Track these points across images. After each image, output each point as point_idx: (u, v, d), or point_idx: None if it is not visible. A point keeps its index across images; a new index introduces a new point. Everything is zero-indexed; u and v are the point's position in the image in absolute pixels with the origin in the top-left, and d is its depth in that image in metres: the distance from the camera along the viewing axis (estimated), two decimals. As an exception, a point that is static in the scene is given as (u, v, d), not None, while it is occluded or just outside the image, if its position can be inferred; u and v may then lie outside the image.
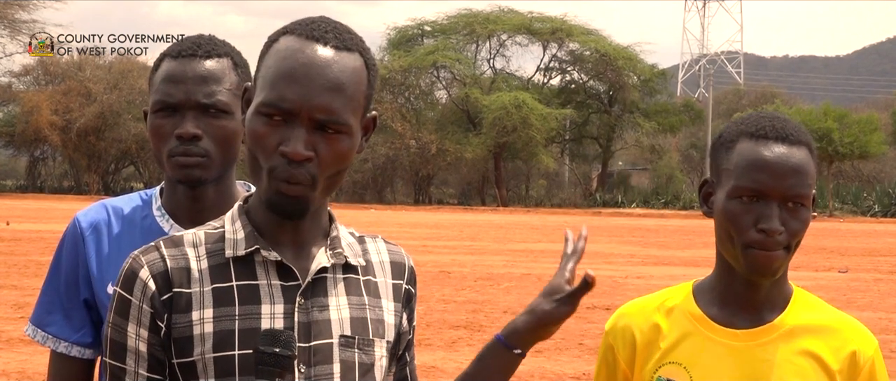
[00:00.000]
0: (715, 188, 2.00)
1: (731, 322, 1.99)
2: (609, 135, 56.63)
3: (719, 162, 1.99)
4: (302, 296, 1.73)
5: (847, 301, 13.97)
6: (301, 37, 1.71)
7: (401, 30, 57.72)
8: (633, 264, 19.24)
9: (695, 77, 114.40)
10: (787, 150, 1.92)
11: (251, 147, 1.71)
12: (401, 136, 51.09)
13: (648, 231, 31.74)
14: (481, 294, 14.00)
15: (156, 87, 2.19)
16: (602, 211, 47.39)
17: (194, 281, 1.72)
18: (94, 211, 2.30)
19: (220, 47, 2.21)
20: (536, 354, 9.68)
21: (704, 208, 2.03)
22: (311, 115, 1.67)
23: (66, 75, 53.22)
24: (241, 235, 1.76)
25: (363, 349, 1.76)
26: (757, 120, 1.98)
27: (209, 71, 2.17)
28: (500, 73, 57.32)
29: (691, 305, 2.03)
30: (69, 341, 2.27)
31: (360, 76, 1.73)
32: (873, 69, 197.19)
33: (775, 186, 1.91)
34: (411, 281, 1.91)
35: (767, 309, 2.00)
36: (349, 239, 1.84)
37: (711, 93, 64.46)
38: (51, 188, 55.17)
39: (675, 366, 1.99)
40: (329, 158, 1.69)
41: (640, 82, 56.17)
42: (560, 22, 55.92)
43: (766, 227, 1.90)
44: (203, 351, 1.70)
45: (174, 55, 2.19)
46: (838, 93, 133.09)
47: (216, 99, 2.16)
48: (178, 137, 2.15)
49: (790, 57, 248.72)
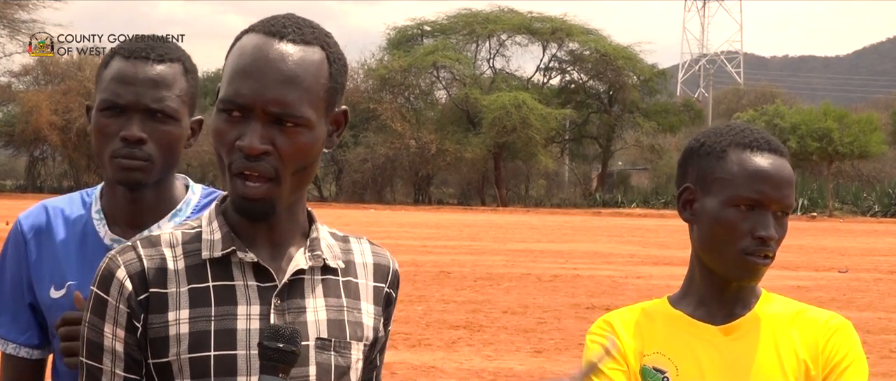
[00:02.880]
0: (699, 195, 2.05)
1: (707, 319, 2.06)
2: (609, 135, 56.62)
3: (707, 170, 2.04)
4: (278, 297, 1.73)
5: (847, 301, 13.96)
6: (260, 33, 1.72)
7: (400, 30, 57.71)
8: (634, 264, 19.23)
9: (695, 77, 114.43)
10: (780, 161, 2.03)
11: (215, 146, 1.72)
12: (400, 136, 51.08)
13: (648, 231, 31.74)
14: (481, 294, 13.99)
15: (104, 84, 2.17)
16: (602, 211, 47.37)
17: (171, 281, 1.72)
18: (35, 214, 2.30)
19: (172, 52, 2.20)
20: (536, 354, 9.68)
21: (685, 215, 2.08)
22: (266, 108, 1.67)
23: (66, 75, 53.21)
24: (218, 236, 1.75)
25: (339, 351, 1.76)
26: (744, 131, 2.05)
27: (160, 76, 2.15)
28: (500, 73, 57.31)
29: (668, 308, 2.10)
30: (17, 342, 2.29)
31: (318, 69, 1.72)
32: (873, 69, 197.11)
33: (773, 197, 2.00)
34: (393, 285, 1.89)
35: (740, 306, 2.07)
36: (329, 241, 1.83)
37: (711, 93, 64.47)
38: (50, 188, 55.12)
39: (658, 355, 2.05)
40: (289, 151, 1.68)
41: (639, 82, 56.16)
42: (560, 22, 55.92)
43: (765, 234, 1.98)
44: (179, 352, 1.69)
45: (126, 55, 2.17)
46: (838, 93, 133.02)
47: (165, 105, 2.15)
48: (123, 139, 2.14)
49: (790, 57, 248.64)
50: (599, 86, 57.50)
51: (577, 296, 14.11)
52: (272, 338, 1.63)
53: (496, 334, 10.77)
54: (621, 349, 2.06)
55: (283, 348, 1.63)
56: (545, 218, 40.20)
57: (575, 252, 21.91)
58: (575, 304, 13.22)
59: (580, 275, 16.82)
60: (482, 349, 9.70)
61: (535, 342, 10.30)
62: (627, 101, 55.22)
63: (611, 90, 56.34)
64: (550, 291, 14.63)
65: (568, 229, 32.49)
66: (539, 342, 10.36)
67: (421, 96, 56.28)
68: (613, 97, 56.29)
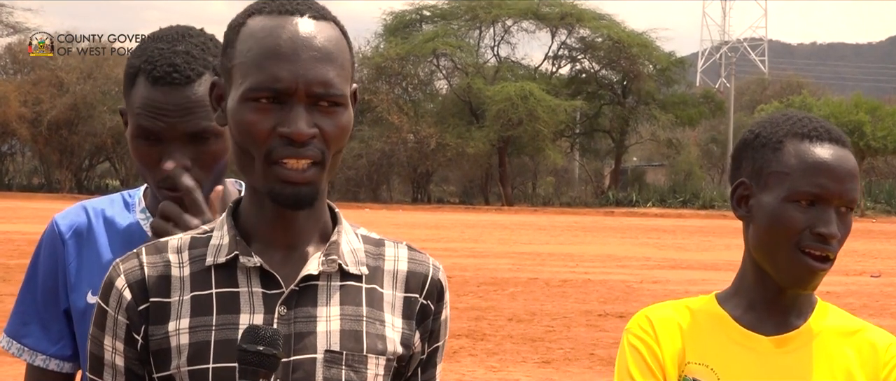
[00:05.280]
0: (754, 191, 2.03)
1: (757, 327, 2.04)
2: (622, 128, 56.64)
3: (763, 163, 2.02)
4: (284, 305, 1.70)
5: (880, 308, 13.97)
6: (273, 14, 1.71)
7: (398, 15, 57.73)
8: (649, 268, 19.25)
9: (715, 66, 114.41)
10: (842, 152, 2.00)
11: (240, 140, 1.69)
12: (398, 129, 51.09)
13: (665, 232, 31.77)
14: (485, 300, 14.01)
15: (135, 109, 2.15)
16: (615, 211, 47.41)
17: (174, 289, 1.72)
18: (74, 213, 2.29)
19: (199, 62, 2.16)
20: (544, 365, 9.70)
21: (739, 212, 2.06)
22: (309, 90, 1.66)
23: (36, 64, 53.21)
24: (226, 240, 1.74)
25: (352, 366, 1.72)
26: (802, 120, 2.03)
27: (193, 100, 2.13)
28: (505, 61, 57.35)
29: (716, 308, 2.08)
30: (47, 354, 2.27)
31: (343, 45, 1.73)
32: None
33: (835, 191, 1.97)
34: (431, 295, 1.84)
35: (794, 315, 2.05)
36: (355, 244, 1.80)
37: (733, 83, 64.48)
38: (19, 186, 55.16)
39: (701, 367, 2.04)
40: (333, 133, 1.68)
41: (656, 71, 56.19)
42: (570, 6, 55.94)
43: (826, 231, 1.96)
44: (179, 364, 1.69)
45: (151, 80, 2.13)
46: (870, 83, 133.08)
47: (203, 127, 2.13)
48: (166, 170, 2.13)
49: (818, 44, 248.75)
50: (612, 75, 57.54)
51: (588, 302, 14.13)
52: (251, 341, 1.62)
53: (501, 343, 10.78)
54: (659, 356, 2.05)
55: (263, 351, 1.62)
56: (554, 218, 40.23)
57: (586, 255, 21.93)
58: (586, 311, 13.24)
59: (591, 280, 16.83)
60: (486, 360, 9.71)
61: (542, 352, 10.32)
62: (642, 91, 55.24)
63: (624, 80, 56.36)
64: (559, 297, 14.65)
65: (578, 229, 32.52)
66: (547, 351, 10.37)
67: (420, 87, 56.30)
68: (627, 88, 56.31)
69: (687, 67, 63.05)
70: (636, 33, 56.02)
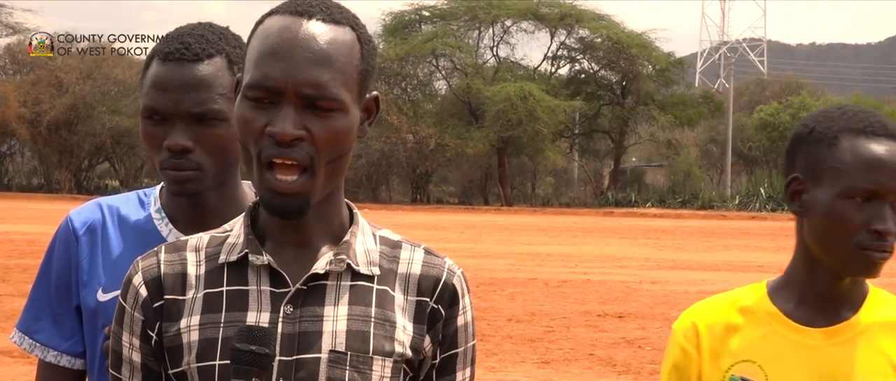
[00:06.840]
0: (809, 186, 2.03)
1: (808, 320, 2.05)
2: (622, 129, 56.62)
3: (817, 159, 2.02)
4: (289, 304, 1.71)
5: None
6: (286, 14, 1.72)
7: (397, 15, 57.71)
8: (648, 269, 19.25)
9: (714, 66, 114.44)
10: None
11: (241, 138, 1.71)
12: (397, 129, 51.07)
13: (664, 233, 31.77)
14: (484, 301, 14.00)
15: (145, 89, 2.17)
16: (614, 211, 47.40)
17: (189, 287, 1.74)
18: (89, 210, 2.30)
19: (212, 45, 2.17)
20: (543, 365, 9.70)
21: (793, 206, 2.06)
22: (298, 91, 1.66)
23: (36, 64, 53.19)
24: (240, 239, 1.76)
25: (357, 367, 1.71)
26: (857, 114, 2.03)
27: (199, 77, 2.13)
28: (505, 62, 57.32)
29: (767, 303, 2.09)
30: (58, 350, 2.27)
31: (350, 49, 1.72)
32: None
33: (891, 186, 1.97)
34: (442, 299, 1.80)
35: (846, 307, 2.06)
36: (369, 245, 1.79)
37: (732, 83, 64.47)
38: (19, 186, 55.14)
39: (749, 364, 2.04)
40: (324, 137, 1.67)
41: (655, 72, 56.17)
42: (569, 7, 55.92)
43: (882, 228, 1.96)
44: (189, 360, 1.71)
45: (162, 58, 2.15)
46: (869, 83, 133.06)
47: (207, 107, 2.13)
48: (167, 148, 2.14)
49: (817, 44, 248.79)
50: (611, 76, 57.51)
51: (587, 303, 14.13)
52: (245, 340, 1.64)
53: (500, 343, 10.78)
54: (697, 366, 2.07)
55: (256, 350, 1.63)
56: (553, 219, 40.22)
57: (585, 255, 21.94)
58: (585, 311, 13.24)
59: (591, 280, 16.83)
60: (485, 360, 9.71)
61: (542, 353, 10.32)
62: (642, 92, 55.21)
63: (624, 81, 56.34)
64: (559, 297, 14.65)
65: (577, 230, 32.52)
66: (546, 352, 10.38)
67: (419, 87, 56.27)
68: (627, 88, 56.29)
69: (686, 67, 63.01)
70: (635, 34, 55.99)
